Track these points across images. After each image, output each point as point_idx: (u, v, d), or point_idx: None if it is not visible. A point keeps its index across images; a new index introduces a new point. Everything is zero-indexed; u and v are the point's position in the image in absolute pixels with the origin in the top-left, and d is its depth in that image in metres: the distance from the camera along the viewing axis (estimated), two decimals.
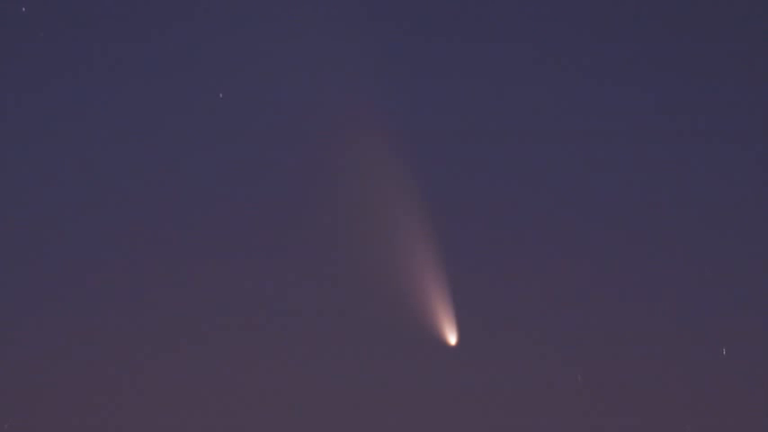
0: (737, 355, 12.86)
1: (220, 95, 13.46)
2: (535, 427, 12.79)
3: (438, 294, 12.85)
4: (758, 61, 13.44)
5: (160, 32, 13.56)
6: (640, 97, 13.50)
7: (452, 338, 12.88)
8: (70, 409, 12.81)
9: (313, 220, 13.21)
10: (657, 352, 12.93)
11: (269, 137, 13.45)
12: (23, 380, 12.86)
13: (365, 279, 12.99)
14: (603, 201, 13.34)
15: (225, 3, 13.61)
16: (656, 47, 13.54)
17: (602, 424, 12.75)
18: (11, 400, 12.79)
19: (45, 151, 13.45)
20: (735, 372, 12.83)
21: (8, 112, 13.46)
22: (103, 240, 13.24)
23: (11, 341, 12.95)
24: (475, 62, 13.54)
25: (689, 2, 13.60)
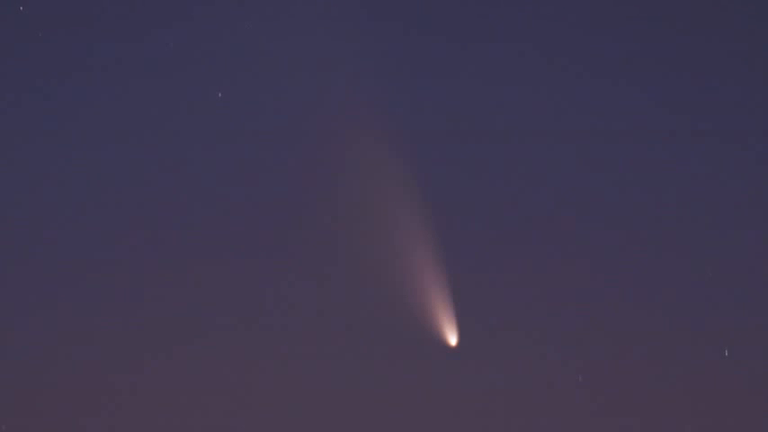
0: (739, 356, 12.88)
1: (219, 95, 13.48)
2: (536, 428, 12.80)
3: (438, 294, 12.85)
4: (758, 61, 13.46)
5: (160, 32, 13.57)
6: (640, 97, 13.52)
7: (452, 339, 12.89)
8: (70, 410, 12.82)
9: (313, 220, 13.22)
10: (658, 353, 12.94)
11: (269, 137, 13.46)
12: (23, 380, 12.88)
13: (365, 279, 12.99)
14: (604, 200, 13.35)
15: (225, 3, 13.63)
16: (657, 46, 13.55)
17: (602, 425, 12.74)
18: (10, 400, 12.81)
19: (44, 151, 13.47)
20: (736, 372, 12.85)
21: (6, 111, 13.48)
22: (103, 240, 13.26)
23: (10, 341, 12.97)
24: (475, 62, 13.55)
25: (689, 1, 13.63)
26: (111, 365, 12.94)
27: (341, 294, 13.08)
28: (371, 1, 13.62)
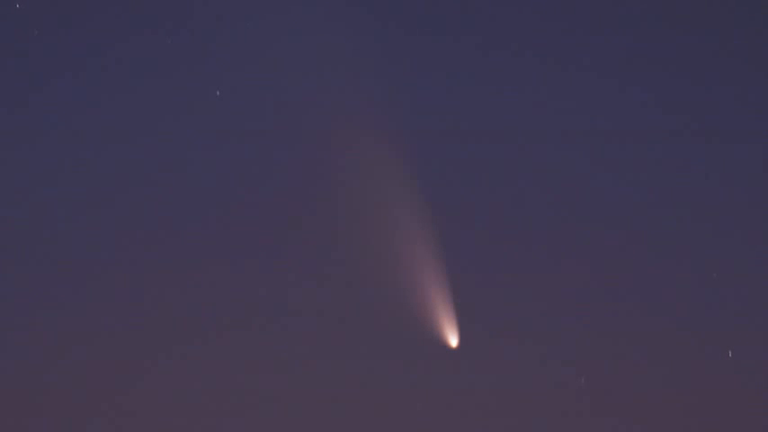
0: (742, 357, 12.91)
1: (217, 93, 13.46)
2: (536, 429, 12.83)
3: (438, 295, 12.86)
4: (758, 61, 13.47)
5: (159, 31, 13.55)
6: (641, 97, 13.54)
7: (453, 339, 12.90)
8: (69, 410, 12.82)
9: (313, 220, 13.22)
10: (661, 354, 12.96)
11: (269, 137, 13.45)
12: (22, 380, 12.88)
13: (365, 279, 13.00)
14: (605, 201, 13.37)
15: (225, 2, 13.59)
16: (657, 46, 13.56)
17: (605, 426, 12.78)
18: (10, 400, 12.80)
19: (42, 151, 13.44)
20: (739, 374, 12.88)
21: (4, 110, 13.45)
22: (103, 240, 13.24)
23: (10, 341, 12.97)
24: (475, 62, 13.55)
25: (689, 2, 13.63)
26: (112, 365, 12.95)
27: (341, 294, 13.10)
28: (371, 1, 13.62)
